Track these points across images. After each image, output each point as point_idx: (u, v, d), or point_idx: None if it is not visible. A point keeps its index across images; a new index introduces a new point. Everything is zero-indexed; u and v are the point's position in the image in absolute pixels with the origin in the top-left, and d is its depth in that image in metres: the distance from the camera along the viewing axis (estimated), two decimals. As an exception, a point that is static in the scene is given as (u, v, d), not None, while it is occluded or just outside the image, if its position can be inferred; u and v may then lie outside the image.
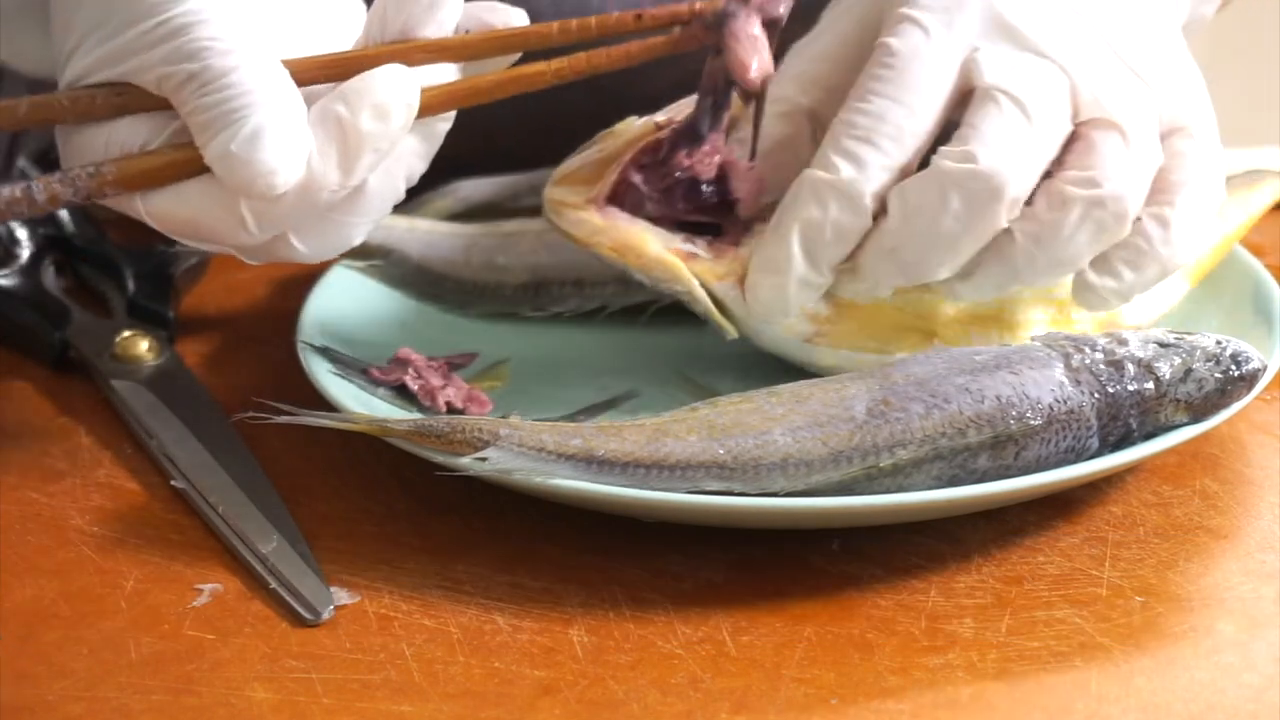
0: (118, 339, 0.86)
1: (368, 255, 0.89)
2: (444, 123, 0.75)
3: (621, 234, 0.81)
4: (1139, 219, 0.78)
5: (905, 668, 0.69)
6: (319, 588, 0.73)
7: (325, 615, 0.72)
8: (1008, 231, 0.76)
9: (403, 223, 0.90)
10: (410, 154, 0.74)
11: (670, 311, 0.85)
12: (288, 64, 0.73)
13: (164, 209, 0.73)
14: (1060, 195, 0.76)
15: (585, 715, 0.67)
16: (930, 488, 0.73)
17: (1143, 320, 0.84)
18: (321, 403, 0.78)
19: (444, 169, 0.81)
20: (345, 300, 0.87)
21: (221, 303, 0.94)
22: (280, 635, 0.71)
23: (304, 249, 0.75)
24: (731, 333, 0.81)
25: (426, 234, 0.90)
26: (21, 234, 0.93)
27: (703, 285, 0.81)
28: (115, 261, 0.92)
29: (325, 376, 0.80)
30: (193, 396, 0.84)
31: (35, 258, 0.91)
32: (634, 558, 0.74)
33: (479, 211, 0.93)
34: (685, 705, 0.67)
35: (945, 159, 0.75)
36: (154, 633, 0.71)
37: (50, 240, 0.93)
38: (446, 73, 0.74)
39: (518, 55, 0.75)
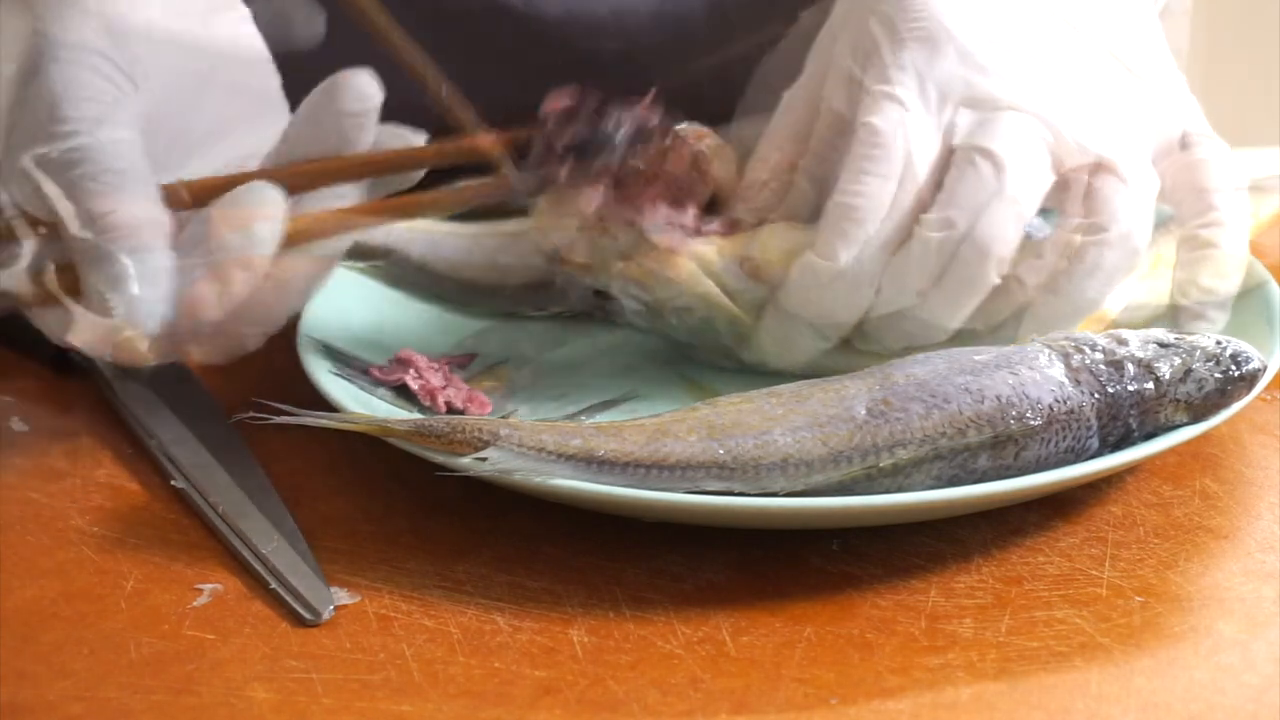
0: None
1: (368, 255, 0.89)
2: (343, 243, 0.77)
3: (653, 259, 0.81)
4: (1199, 232, 0.82)
5: (905, 668, 0.69)
6: (319, 588, 0.73)
7: (325, 615, 0.72)
8: (1023, 286, 0.79)
9: (403, 222, 0.90)
10: (306, 267, 0.76)
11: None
12: (186, 185, 0.74)
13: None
14: (1069, 245, 0.79)
15: (585, 715, 0.67)
16: (930, 488, 0.73)
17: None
18: (321, 403, 0.78)
19: (445, 168, 0.81)
20: (345, 300, 0.87)
21: (222, 303, 0.93)
22: (280, 635, 0.71)
23: (198, 357, 0.77)
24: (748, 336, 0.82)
25: (427, 234, 0.90)
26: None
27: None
28: (116, 261, 0.92)
29: (325, 376, 0.80)
30: (193, 396, 0.84)
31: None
32: (634, 558, 0.74)
33: (480, 211, 0.93)
34: (685, 705, 0.67)
35: (926, 229, 0.78)
36: (154, 633, 0.71)
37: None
38: (344, 196, 0.76)
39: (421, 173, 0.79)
